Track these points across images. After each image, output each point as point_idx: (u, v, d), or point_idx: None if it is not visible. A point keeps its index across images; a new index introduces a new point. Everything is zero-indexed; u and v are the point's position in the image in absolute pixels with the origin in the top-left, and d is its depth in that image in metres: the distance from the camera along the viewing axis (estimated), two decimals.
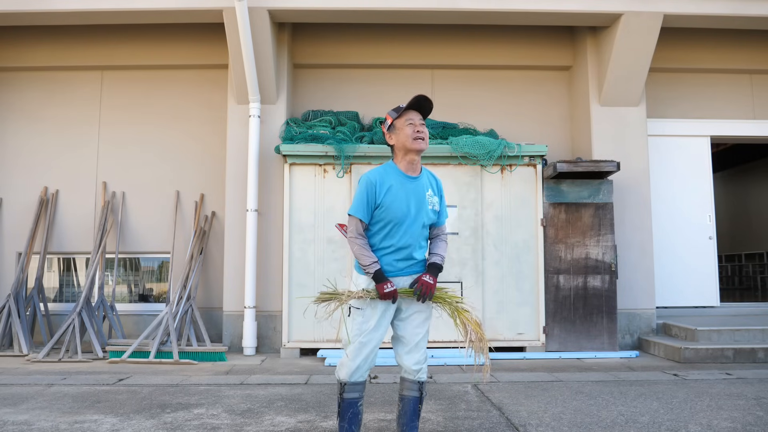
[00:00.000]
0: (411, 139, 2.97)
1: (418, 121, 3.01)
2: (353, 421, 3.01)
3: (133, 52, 7.39)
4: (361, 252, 2.98)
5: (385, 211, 2.97)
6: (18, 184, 7.30)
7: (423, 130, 3.01)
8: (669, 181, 7.51)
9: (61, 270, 7.45)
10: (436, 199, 3.09)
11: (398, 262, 3.01)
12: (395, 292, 2.93)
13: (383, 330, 3.00)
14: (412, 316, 3.03)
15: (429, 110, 3.07)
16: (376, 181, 2.98)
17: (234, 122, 6.89)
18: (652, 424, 3.64)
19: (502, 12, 6.56)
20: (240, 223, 6.69)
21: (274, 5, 6.40)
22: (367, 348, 2.96)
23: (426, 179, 3.11)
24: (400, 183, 3.01)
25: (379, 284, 2.93)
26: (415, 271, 3.05)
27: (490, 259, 6.44)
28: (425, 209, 3.03)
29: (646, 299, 6.82)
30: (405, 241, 2.99)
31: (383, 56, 7.44)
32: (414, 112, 3.04)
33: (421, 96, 3.02)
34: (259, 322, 6.56)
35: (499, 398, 4.33)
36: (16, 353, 6.21)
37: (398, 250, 3.00)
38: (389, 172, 3.03)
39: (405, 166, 3.05)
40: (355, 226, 3.00)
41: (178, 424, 3.67)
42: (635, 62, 6.79)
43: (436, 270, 3.03)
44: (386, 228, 2.99)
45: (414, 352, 3.03)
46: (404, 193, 2.99)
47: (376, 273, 2.94)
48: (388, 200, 2.96)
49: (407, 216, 2.98)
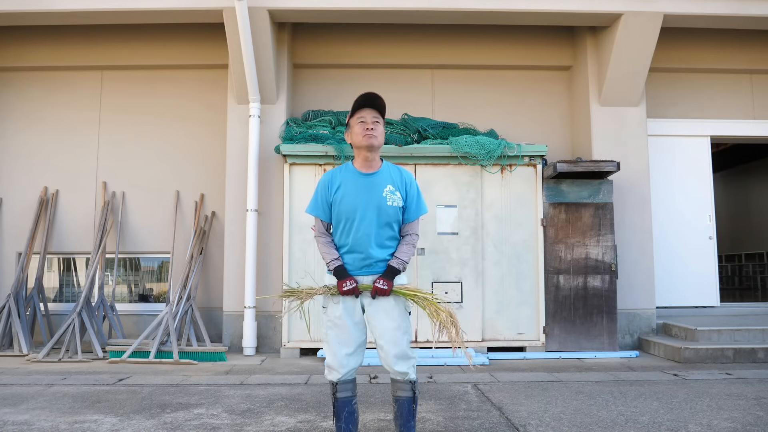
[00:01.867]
0: (360, 137, 3.00)
1: (369, 119, 3.03)
2: (349, 420, 3.01)
3: (133, 52, 7.39)
4: (323, 249, 3.05)
5: (336, 208, 3.02)
6: (18, 184, 7.30)
7: (374, 127, 3.02)
8: (669, 181, 7.51)
9: (61, 270, 7.46)
10: (398, 195, 3.03)
11: (356, 260, 3.00)
12: (355, 288, 2.94)
13: (350, 328, 2.97)
14: (376, 316, 2.98)
15: (382, 107, 3.07)
16: (327, 179, 3.08)
17: (234, 122, 6.89)
18: (652, 424, 3.64)
19: (502, 12, 6.56)
20: (240, 223, 6.69)
21: (274, 5, 6.40)
22: (338, 346, 2.97)
23: (386, 174, 3.07)
24: (352, 180, 3.04)
25: (339, 281, 2.96)
26: (376, 271, 3.01)
27: (490, 259, 6.44)
28: (379, 205, 2.99)
29: (646, 299, 6.82)
30: (360, 237, 2.98)
31: (383, 56, 7.44)
32: (366, 110, 3.05)
33: (368, 93, 3.05)
34: (259, 322, 6.56)
35: (499, 398, 4.33)
36: (16, 353, 6.21)
37: (354, 247, 2.99)
38: (343, 171, 3.09)
39: (360, 164, 3.08)
40: (318, 225, 3.10)
41: (178, 424, 3.67)
42: (635, 62, 6.79)
43: (390, 274, 2.98)
44: (340, 225, 3.03)
45: (390, 351, 2.95)
46: (354, 190, 3.01)
47: (336, 269, 2.98)
48: (338, 197, 3.02)
49: (356, 212, 2.98)
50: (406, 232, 3.10)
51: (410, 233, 3.10)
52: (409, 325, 3.06)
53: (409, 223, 3.10)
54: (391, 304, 2.99)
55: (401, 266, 3.02)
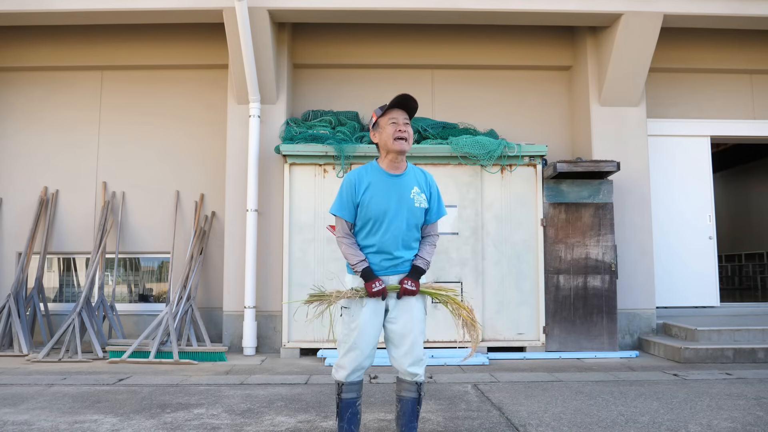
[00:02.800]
0: (392, 139, 2.96)
1: (401, 121, 2.99)
2: (352, 421, 3.01)
3: (133, 52, 7.39)
4: (348, 251, 3.00)
5: (365, 209, 2.98)
6: (18, 184, 7.30)
7: (406, 130, 2.98)
8: (669, 181, 7.51)
9: (61, 270, 7.45)
10: (423, 197, 3.04)
11: (383, 261, 2.99)
12: (384, 290, 2.93)
13: (373, 330, 2.97)
14: (401, 317, 2.99)
15: (414, 110, 3.04)
16: (354, 179, 3.01)
17: (234, 122, 6.89)
18: (652, 424, 3.64)
19: (502, 12, 6.56)
20: (240, 223, 6.69)
21: (274, 5, 6.40)
22: (357, 348, 2.95)
23: (412, 176, 3.07)
24: (381, 180, 3.00)
25: (367, 283, 2.93)
26: (402, 271, 3.02)
27: (490, 259, 6.44)
28: (408, 207, 2.99)
29: (646, 299, 6.82)
30: (388, 239, 2.96)
31: (383, 56, 7.44)
32: (399, 111, 3.01)
33: (405, 95, 3.00)
34: (259, 322, 6.56)
35: (499, 398, 4.33)
36: (16, 353, 6.21)
37: (382, 248, 2.98)
38: (369, 171, 3.04)
39: (387, 165, 3.04)
40: (341, 225, 3.03)
41: (178, 424, 3.67)
42: (635, 62, 6.79)
43: (416, 274, 3.00)
44: (367, 226, 3.00)
45: (408, 353, 2.96)
46: (384, 191, 2.98)
47: (363, 271, 2.95)
48: (366, 198, 2.97)
49: (387, 213, 2.96)
50: (428, 233, 3.12)
51: (432, 234, 3.13)
52: (425, 326, 3.08)
53: (431, 224, 3.12)
54: (415, 305, 3.01)
55: (426, 266, 3.05)
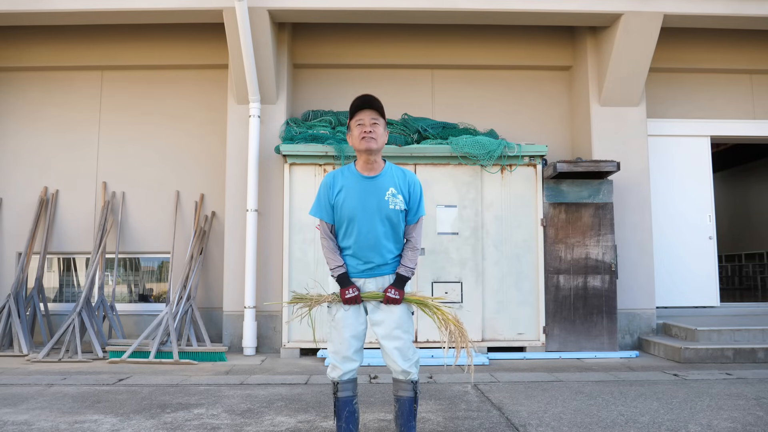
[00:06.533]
0: (359, 140, 2.97)
1: (368, 121, 2.97)
2: (350, 420, 3.02)
3: (133, 52, 7.39)
4: (327, 255, 3.05)
5: (339, 211, 3.01)
6: (18, 184, 7.30)
7: (373, 129, 2.96)
8: (669, 181, 7.51)
9: (61, 270, 7.45)
10: (400, 198, 3.01)
11: (358, 264, 3.01)
12: (358, 296, 2.95)
13: (353, 330, 2.98)
14: (385, 320, 2.99)
15: (379, 106, 2.98)
16: (330, 181, 3.05)
17: (234, 122, 6.89)
18: (652, 424, 3.64)
19: (501, 12, 6.56)
20: (240, 223, 6.69)
21: (274, 5, 6.40)
22: (341, 348, 2.98)
23: (388, 177, 3.04)
24: (354, 182, 3.01)
25: (342, 289, 2.97)
26: (379, 274, 3.02)
27: (490, 259, 6.44)
28: (382, 209, 2.98)
29: (646, 299, 6.82)
30: (362, 242, 2.97)
31: (383, 56, 7.44)
32: (365, 112, 2.99)
33: (365, 95, 3.00)
34: (259, 322, 6.56)
35: (499, 398, 4.33)
36: (16, 353, 6.21)
37: (356, 251, 2.99)
38: (345, 173, 3.06)
39: (362, 166, 3.05)
40: (323, 227, 3.08)
41: (178, 424, 3.67)
42: (635, 62, 6.79)
43: (401, 282, 3.01)
44: (343, 228, 3.02)
45: (397, 353, 2.97)
46: (356, 194, 2.99)
47: (339, 277, 2.99)
48: (340, 200, 3.00)
49: (358, 216, 2.97)
50: (409, 235, 3.09)
51: (413, 237, 3.10)
52: (411, 324, 3.07)
53: (412, 225, 3.09)
54: (402, 314, 3.02)
55: (410, 273, 3.04)
